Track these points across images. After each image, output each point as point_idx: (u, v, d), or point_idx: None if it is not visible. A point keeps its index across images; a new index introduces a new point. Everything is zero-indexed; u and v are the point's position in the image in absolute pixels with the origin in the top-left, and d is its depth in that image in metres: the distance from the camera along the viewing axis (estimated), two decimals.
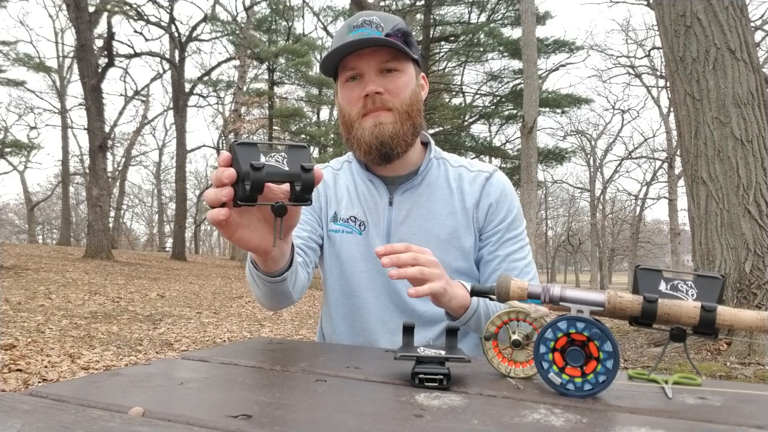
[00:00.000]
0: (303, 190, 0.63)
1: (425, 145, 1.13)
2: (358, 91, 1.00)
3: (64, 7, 16.56)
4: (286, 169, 0.62)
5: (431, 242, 1.04)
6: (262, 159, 0.61)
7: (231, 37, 19.86)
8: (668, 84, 5.59)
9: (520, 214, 1.09)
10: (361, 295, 1.07)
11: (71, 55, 22.15)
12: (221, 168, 0.63)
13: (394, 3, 16.45)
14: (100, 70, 13.45)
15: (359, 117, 1.01)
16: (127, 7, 16.61)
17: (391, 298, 1.05)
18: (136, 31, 35.77)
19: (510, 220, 1.07)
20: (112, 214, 23.07)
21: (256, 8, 19.04)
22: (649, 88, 23.19)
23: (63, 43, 24.62)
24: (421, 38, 15.71)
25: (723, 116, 4.11)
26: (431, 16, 16.32)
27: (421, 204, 1.07)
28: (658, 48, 19.18)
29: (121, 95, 26.68)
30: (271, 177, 0.61)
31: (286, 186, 0.66)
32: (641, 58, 23.19)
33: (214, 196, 0.63)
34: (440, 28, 16.92)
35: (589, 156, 28.03)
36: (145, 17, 18.39)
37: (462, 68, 18.21)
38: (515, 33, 16.11)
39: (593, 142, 28.23)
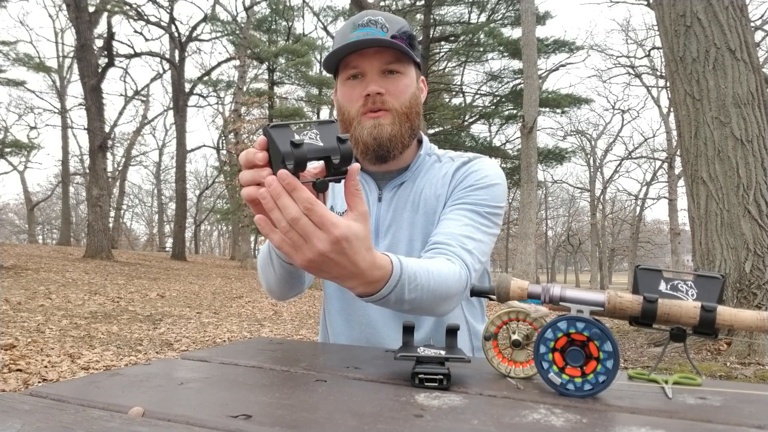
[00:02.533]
0: (342, 161, 0.63)
1: (419, 142, 1.14)
2: (359, 90, 1.01)
3: (64, 7, 16.56)
4: (322, 144, 0.62)
5: (419, 237, 1.04)
6: (298, 138, 0.61)
7: (231, 37, 19.86)
8: (668, 84, 5.59)
9: (495, 191, 1.02)
10: None
11: (71, 55, 22.15)
12: (252, 150, 0.63)
13: (394, 3, 16.46)
14: (100, 70, 13.45)
15: (358, 115, 1.02)
16: (127, 7, 16.62)
17: None
18: (136, 31, 35.82)
19: (476, 184, 1.02)
20: (112, 214, 23.07)
21: (256, 8, 19.04)
22: (649, 88, 23.22)
23: (63, 43, 24.64)
24: (421, 38, 15.72)
25: (723, 116, 4.11)
26: (431, 16, 16.34)
27: (408, 199, 1.07)
28: (658, 48, 19.19)
29: (121, 95, 26.71)
30: (312, 154, 0.61)
31: (314, 169, 0.66)
32: (641, 58, 23.21)
33: (251, 177, 0.63)
34: (440, 28, 16.92)
35: (589, 156, 28.04)
36: (145, 17, 18.40)
37: (462, 68, 18.22)
38: (515, 33, 16.13)
39: (593, 142, 28.24)
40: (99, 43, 14.60)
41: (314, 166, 0.66)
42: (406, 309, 0.82)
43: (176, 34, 19.58)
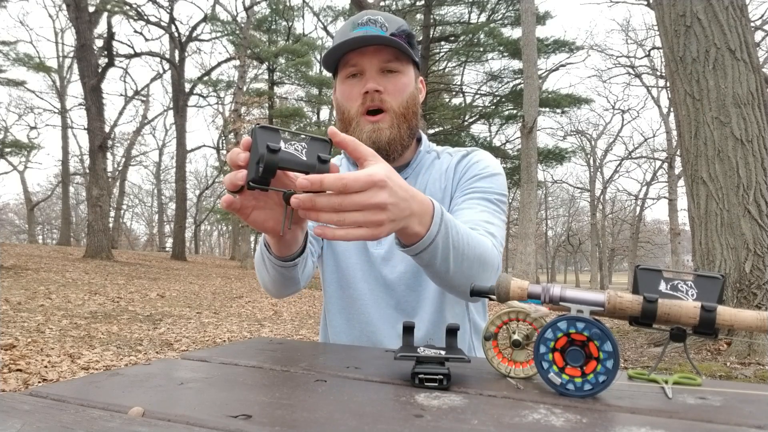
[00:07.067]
0: None
1: (419, 140, 1.14)
2: (358, 89, 1.01)
3: (64, 7, 16.57)
4: (303, 158, 0.61)
5: None
6: (282, 145, 0.61)
7: (231, 37, 19.87)
8: (668, 84, 5.59)
9: (498, 181, 1.04)
10: (357, 287, 1.07)
11: (71, 55, 22.17)
12: (236, 150, 0.63)
13: (394, 3, 16.47)
14: (100, 70, 13.46)
15: (357, 115, 1.01)
16: (127, 7, 16.62)
17: (386, 290, 1.06)
18: (136, 31, 35.86)
19: (480, 174, 1.05)
20: (112, 214, 23.07)
21: (256, 8, 19.04)
22: (649, 88, 23.25)
23: (63, 43, 24.66)
24: (421, 38, 15.73)
25: (723, 116, 4.11)
26: (431, 16, 16.35)
27: None
28: (658, 48, 19.20)
29: (121, 95, 26.72)
30: (286, 163, 0.60)
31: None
32: (641, 58, 23.25)
33: (230, 181, 0.64)
34: (440, 28, 16.93)
35: (589, 156, 28.05)
36: (145, 17, 18.41)
37: (462, 68, 18.23)
38: (515, 33, 16.14)
39: (593, 142, 28.26)
40: (99, 43, 14.62)
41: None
42: (452, 266, 0.78)
43: (176, 34, 19.59)
